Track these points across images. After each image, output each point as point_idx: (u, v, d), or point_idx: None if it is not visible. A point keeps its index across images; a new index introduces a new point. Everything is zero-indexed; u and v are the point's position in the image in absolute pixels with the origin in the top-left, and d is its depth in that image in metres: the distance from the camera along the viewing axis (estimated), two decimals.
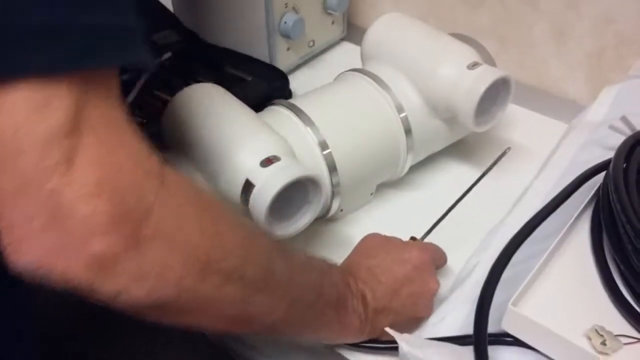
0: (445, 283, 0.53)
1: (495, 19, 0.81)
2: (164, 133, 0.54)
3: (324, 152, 0.55)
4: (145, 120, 0.70)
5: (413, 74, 0.60)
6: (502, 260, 0.49)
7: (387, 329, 0.46)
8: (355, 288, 0.46)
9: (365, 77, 0.61)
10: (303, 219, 0.50)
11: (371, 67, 0.63)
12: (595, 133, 0.64)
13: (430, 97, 0.60)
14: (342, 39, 0.89)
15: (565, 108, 0.74)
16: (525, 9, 0.77)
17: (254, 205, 0.46)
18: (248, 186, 0.46)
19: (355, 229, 0.61)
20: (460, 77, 0.57)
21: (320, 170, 0.54)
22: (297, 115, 0.56)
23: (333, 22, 0.85)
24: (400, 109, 0.59)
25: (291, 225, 0.49)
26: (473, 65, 0.58)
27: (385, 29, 0.64)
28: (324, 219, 0.60)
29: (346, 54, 0.86)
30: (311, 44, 0.83)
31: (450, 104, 0.58)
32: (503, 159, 0.65)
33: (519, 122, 0.74)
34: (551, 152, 0.67)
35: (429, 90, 0.59)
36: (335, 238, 0.61)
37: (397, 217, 0.63)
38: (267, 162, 0.47)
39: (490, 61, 0.66)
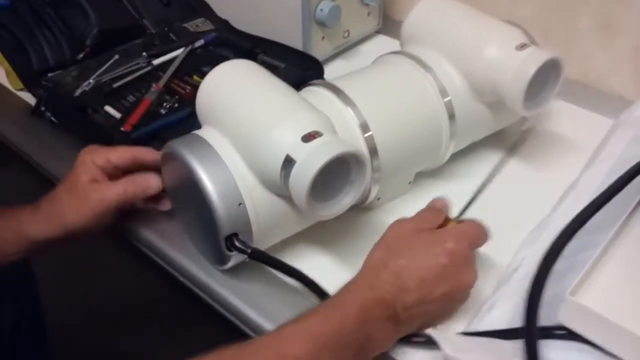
0: (488, 279, 0.50)
1: (539, 9, 0.78)
2: (199, 111, 0.52)
3: (366, 135, 0.52)
4: (176, 104, 0.69)
5: (457, 56, 0.58)
6: (554, 251, 0.46)
7: (429, 331, 0.44)
8: (379, 313, 0.42)
9: (407, 58, 0.59)
10: (345, 200, 0.47)
11: (412, 50, 0.60)
12: None
13: (475, 80, 0.57)
14: (377, 31, 0.87)
15: (611, 103, 0.71)
16: (570, 1, 0.75)
17: (295, 182, 0.43)
18: (289, 162, 0.44)
19: (392, 219, 0.57)
20: (508, 58, 0.55)
21: None
22: (337, 96, 0.53)
23: (369, 14, 0.83)
24: (444, 93, 0.57)
25: (332, 205, 0.47)
26: (522, 47, 0.55)
27: (428, 11, 0.62)
28: (360, 207, 0.58)
29: (381, 46, 0.83)
30: (346, 34, 0.81)
31: (497, 86, 0.55)
32: (549, 153, 0.64)
33: (563, 116, 0.71)
34: (598, 147, 0.64)
35: (474, 72, 0.57)
36: (371, 228, 0.58)
37: None
38: (309, 137, 0.44)
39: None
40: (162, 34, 0.81)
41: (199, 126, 0.52)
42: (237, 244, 0.47)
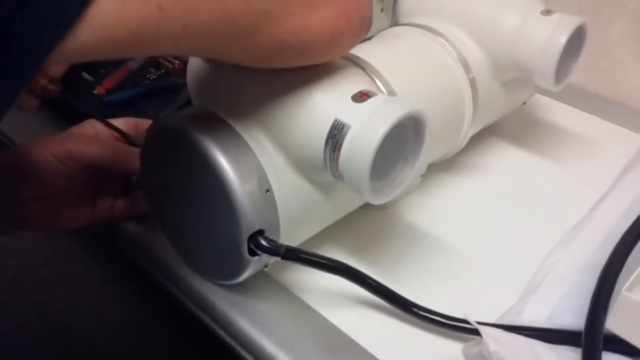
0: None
1: (566, 12, 0.72)
2: (195, 83, 0.41)
3: None
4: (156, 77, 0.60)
5: (472, 27, 0.50)
6: (626, 243, 0.39)
7: (471, 319, 0.37)
8: None
9: (420, 29, 0.50)
10: (400, 178, 0.38)
11: (421, 21, 0.52)
12: None
13: (497, 52, 0.50)
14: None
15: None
16: (604, 3, 0.69)
17: (351, 154, 0.34)
18: (339, 128, 0.34)
19: (408, 215, 0.52)
20: (534, 26, 0.48)
21: None
22: (363, 67, 0.43)
23: (382, 10, 0.76)
24: (467, 69, 0.49)
25: (386, 187, 0.37)
26: (547, 12, 0.49)
27: None
28: (373, 205, 0.49)
29: None
30: None
31: (522, 59, 0.49)
32: (577, 160, 0.60)
33: (587, 128, 0.66)
34: (634, 156, 0.59)
35: (495, 43, 0.50)
36: (386, 226, 0.51)
37: (448, 204, 0.54)
38: (361, 96, 0.35)
39: None
40: None
41: (185, 98, 0.42)
42: (264, 243, 0.36)
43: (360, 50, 0.46)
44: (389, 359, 0.39)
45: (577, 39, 0.50)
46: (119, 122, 0.48)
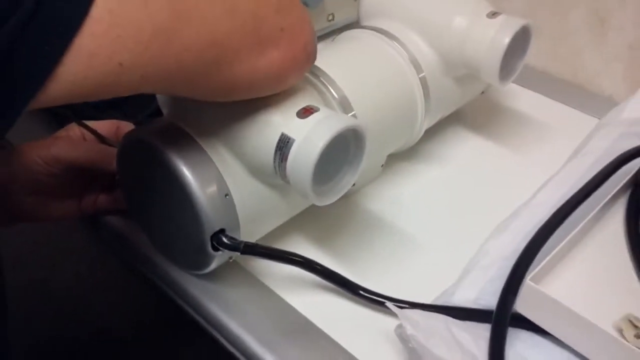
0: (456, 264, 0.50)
1: (528, 3, 0.76)
2: (160, 100, 0.46)
3: (349, 115, 0.48)
4: None
5: (424, 28, 0.55)
6: (537, 240, 0.45)
7: (389, 304, 0.42)
8: None
9: (375, 32, 0.55)
10: (344, 181, 0.43)
11: (377, 23, 0.57)
12: (633, 126, 0.60)
13: (447, 53, 0.54)
14: None
15: (600, 104, 0.69)
16: None
17: (295, 164, 0.39)
18: (285, 142, 0.39)
19: (370, 204, 0.57)
20: (480, 27, 0.52)
21: None
22: (314, 72, 0.48)
23: None
24: (418, 68, 0.53)
25: (333, 189, 0.42)
26: (493, 14, 0.53)
27: None
28: None
29: None
30: (330, 17, 0.76)
31: (470, 58, 0.53)
32: (533, 146, 0.64)
33: (549, 113, 0.70)
34: (580, 143, 0.63)
35: (445, 45, 0.54)
36: (349, 214, 0.55)
37: (406, 192, 0.59)
38: (304, 112, 0.40)
39: None
40: None
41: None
42: (225, 240, 0.41)
43: (319, 56, 0.50)
44: (340, 337, 0.44)
45: (522, 39, 0.54)
46: (102, 124, 0.53)
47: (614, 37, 0.71)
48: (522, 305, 0.41)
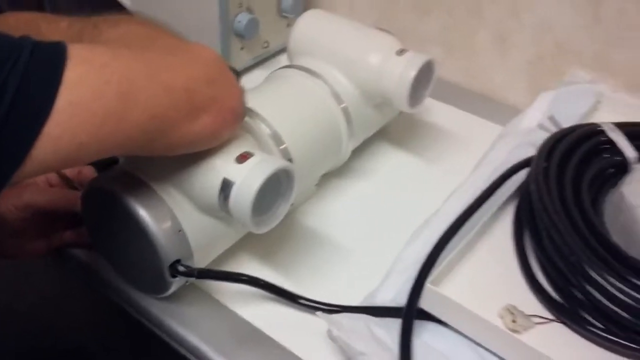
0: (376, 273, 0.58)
1: (442, 26, 0.85)
2: None
3: (281, 147, 0.56)
4: None
5: (345, 66, 0.64)
6: (440, 244, 0.54)
7: (319, 313, 0.50)
8: None
9: (301, 71, 0.64)
10: (279, 211, 0.50)
11: (303, 62, 0.65)
12: (529, 135, 0.69)
13: (363, 85, 0.64)
14: None
15: (506, 113, 0.78)
16: (469, 17, 0.82)
17: (236, 203, 0.46)
18: (227, 185, 0.46)
19: (307, 219, 0.64)
20: (391, 64, 0.62)
21: None
22: (249, 114, 0.55)
23: (288, 25, 0.86)
24: (339, 100, 0.63)
25: (270, 218, 0.50)
26: (401, 52, 0.62)
27: (312, 25, 0.68)
28: None
29: None
30: (265, 44, 0.84)
31: (384, 91, 0.62)
32: (446, 156, 0.73)
33: (459, 123, 0.79)
34: (485, 152, 0.72)
35: (362, 79, 0.63)
36: (290, 230, 0.63)
37: (338, 206, 0.67)
38: (242, 158, 0.47)
39: None
40: None
41: None
42: (181, 269, 0.49)
43: (252, 98, 0.57)
44: (285, 340, 0.52)
45: (427, 71, 0.63)
46: (66, 169, 0.59)
47: (515, 53, 0.81)
48: (425, 303, 0.50)
